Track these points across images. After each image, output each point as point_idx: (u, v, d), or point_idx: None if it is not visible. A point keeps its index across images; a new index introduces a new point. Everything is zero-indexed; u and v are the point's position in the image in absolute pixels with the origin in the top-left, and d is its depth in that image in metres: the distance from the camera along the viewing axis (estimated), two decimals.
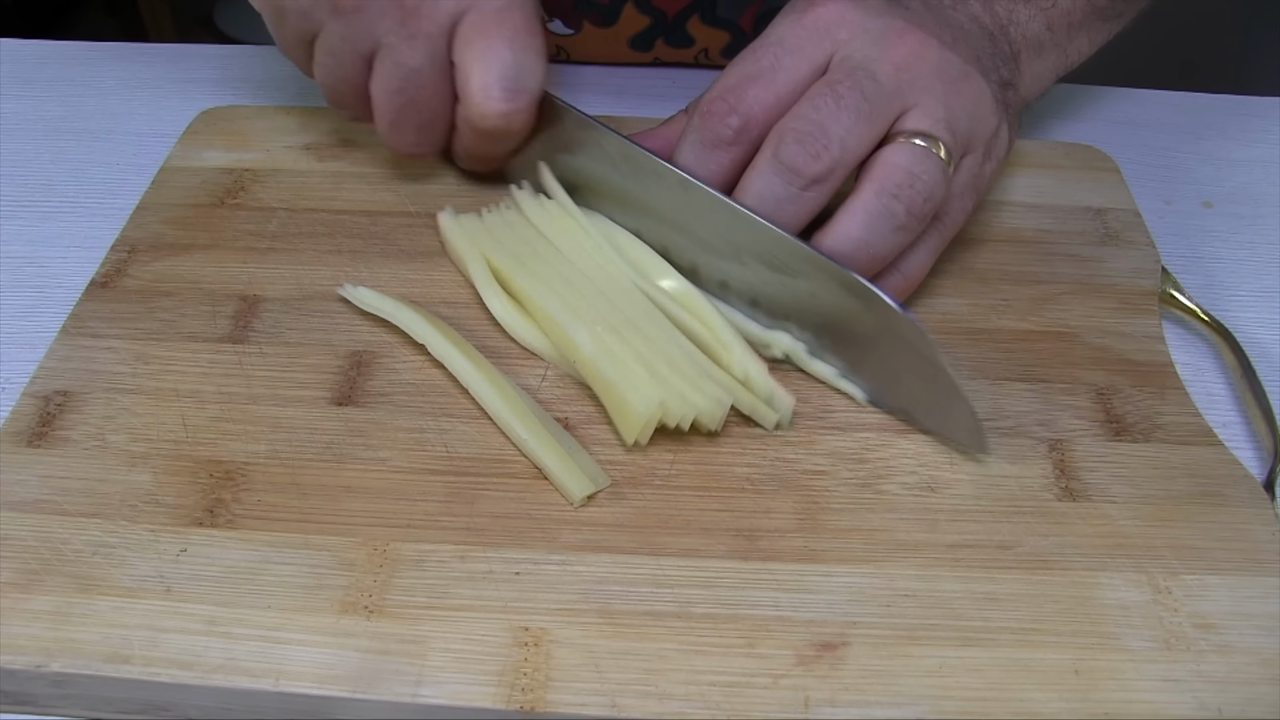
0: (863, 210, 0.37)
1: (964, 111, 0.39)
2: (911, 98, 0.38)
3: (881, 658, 0.31)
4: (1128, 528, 0.35)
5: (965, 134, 0.39)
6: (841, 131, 0.37)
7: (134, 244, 0.44)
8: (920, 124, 0.38)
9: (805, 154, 0.37)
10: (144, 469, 0.36)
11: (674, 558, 0.34)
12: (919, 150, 0.37)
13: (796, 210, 0.38)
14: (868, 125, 0.37)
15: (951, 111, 0.38)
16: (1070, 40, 0.47)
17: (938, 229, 0.40)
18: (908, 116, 0.38)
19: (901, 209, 0.37)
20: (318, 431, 0.37)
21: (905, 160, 0.37)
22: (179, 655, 0.31)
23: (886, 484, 0.36)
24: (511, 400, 0.37)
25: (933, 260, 0.41)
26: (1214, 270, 0.47)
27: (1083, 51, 0.49)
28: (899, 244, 0.38)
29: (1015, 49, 0.45)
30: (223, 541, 0.34)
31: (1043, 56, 0.46)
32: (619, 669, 0.31)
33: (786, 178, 0.37)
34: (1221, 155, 0.54)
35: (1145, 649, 0.32)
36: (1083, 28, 0.48)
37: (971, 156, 0.40)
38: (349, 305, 0.41)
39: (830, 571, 0.34)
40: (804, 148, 0.37)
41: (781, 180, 0.37)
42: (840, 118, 0.37)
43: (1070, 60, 0.48)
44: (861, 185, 0.38)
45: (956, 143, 0.38)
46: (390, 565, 0.33)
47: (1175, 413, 0.38)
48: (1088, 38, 0.48)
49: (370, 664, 0.31)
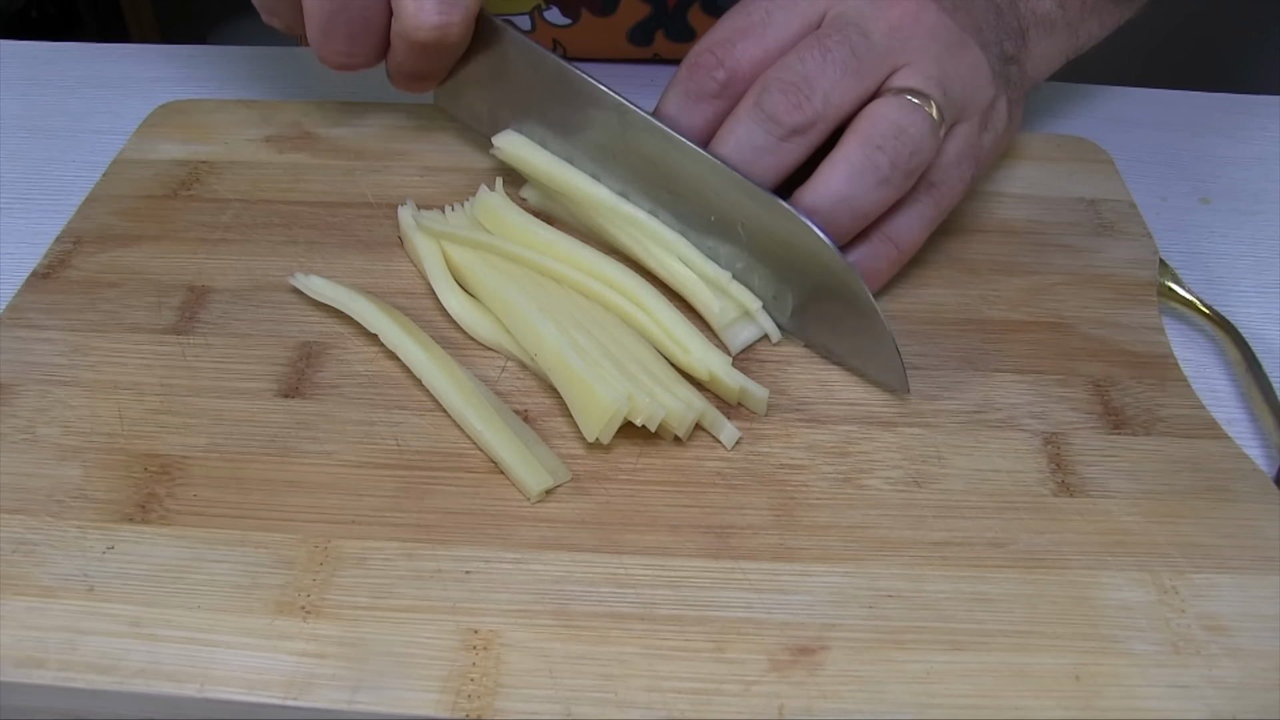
0: (844, 161, 0.36)
1: (958, 76, 0.38)
2: (904, 56, 0.37)
3: (863, 662, 0.29)
4: (1129, 524, 0.32)
5: (959, 98, 0.38)
6: (826, 85, 0.36)
7: (79, 235, 0.42)
8: (911, 81, 0.37)
9: (787, 104, 0.36)
10: (74, 463, 0.33)
11: (638, 556, 0.31)
12: (907, 104, 0.36)
13: (774, 161, 0.37)
14: (854, 80, 0.36)
15: (945, 73, 0.37)
16: (1082, 21, 0.46)
17: (930, 196, 0.38)
18: (899, 74, 0.37)
19: (885, 161, 0.36)
20: (262, 424, 0.35)
21: (892, 113, 0.36)
22: (98, 659, 0.29)
23: (869, 479, 0.34)
24: (466, 390, 0.35)
25: (926, 231, 0.39)
26: (1214, 266, 0.45)
27: (1093, 34, 0.47)
28: (883, 199, 0.36)
29: (1024, 24, 0.43)
30: (153, 538, 0.31)
31: (1053, 36, 0.45)
32: (575, 674, 0.28)
33: (767, 127, 0.36)
34: (1218, 152, 0.52)
35: (1151, 652, 0.29)
36: (1094, 10, 0.46)
37: (966, 124, 0.39)
38: (301, 296, 0.39)
39: (807, 570, 0.31)
40: (786, 98, 0.36)
41: (761, 129, 0.36)
42: (826, 71, 0.36)
43: (1080, 43, 0.47)
44: (846, 137, 0.36)
45: (949, 103, 0.37)
46: (331, 563, 0.31)
47: (1177, 405, 0.36)
48: (1099, 20, 0.47)
49: (304, 668, 0.28)
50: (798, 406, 0.36)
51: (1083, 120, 0.54)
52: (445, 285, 0.39)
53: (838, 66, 0.36)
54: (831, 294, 0.36)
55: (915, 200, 0.38)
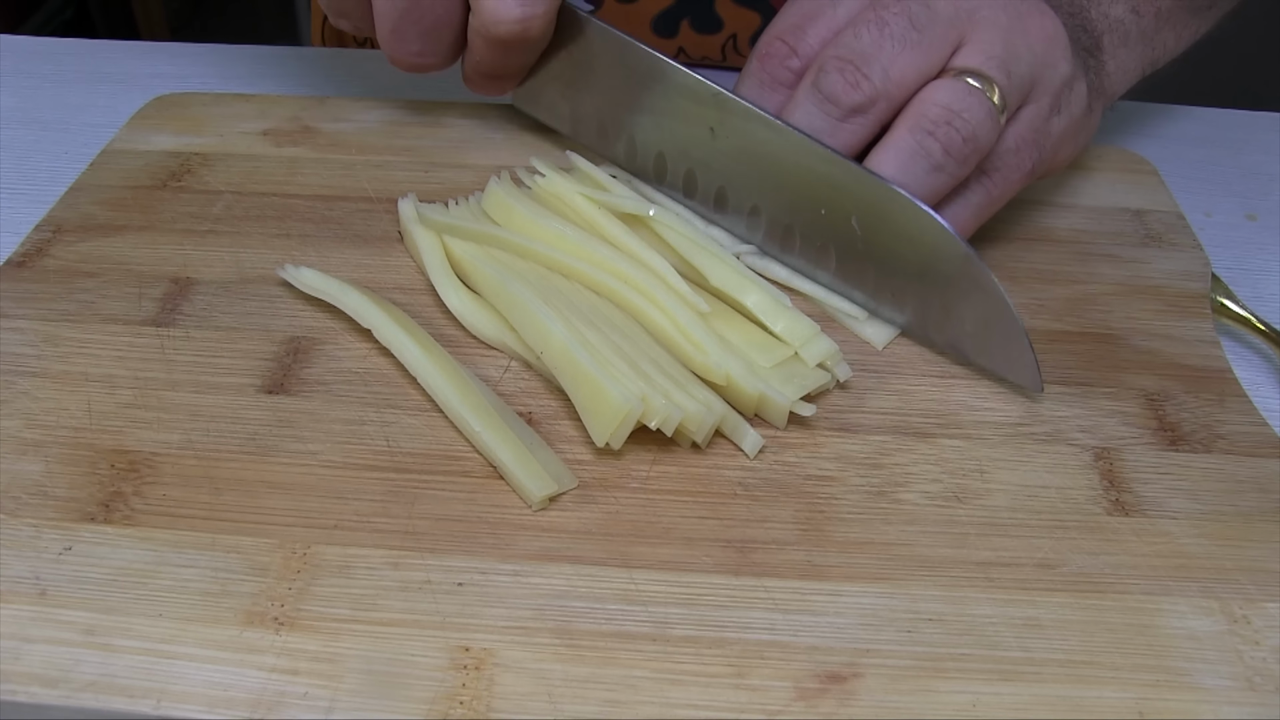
0: (894, 147, 0.34)
1: (1028, 51, 0.35)
2: (970, 28, 0.35)
3: (901, 692, 0.26)
4: (1191, 547, 0.29)
5: (1025, 77, 0.35)
6: (885, 60, 0.34)
7: (60, 224, 0.39)
8: (973, 60, 0.35)
9: (844, 83, 0.34)
10: (35, 458, 0.31)
11: (649, 570, 0.28)
12: (963, 87, 0.34)
13: (836, 143, 0.35)
14: (916, 55, 0.34)
15: (1012, 49, 0.35)
16: (1157, 31, 0.43)
17: (984, 184, 0.36)
18: (963, 50, 0.35)
19: (938, 147, 0.34)
20: (241, 421, 0.32)
21: (946, 97, 0.34)
22: (44, 670, 0.26)
23: (905, 493, 0.31)
24: (465, 389, 0.32)
25: (978, 220, 0.37)
26: (1261, 282, 0.42)
27: (1169, 47, 0.45)
28: (936, 187, 0.34)
29: (1097, 29, 0.41)
30: (115, 539, 0.29)
31: (1128, 45, 0.42)
32: (577, 698, 0.25)
33: (824, 108, 0.35)
34: (1264, 170, 0.50)
35: (1224, 688, 0.26)
36: (1170, 20, 0.44)
37: (1034, 106, 0.36)
38: (291, 290, 0.36)
39: (838, 590, 0.28)
40: (843, 76, 0.34)
41: (820, 110, 0.35)
42: (884, 46, 0.34)
43: (1156, 55, 0.44)
44: (898, 122, 0.35)
45: (1013, 86, 0.35)
46: (310, 571, 0.28)
47: (1238, 421, 0.33)
48: (1174, 32, 0.44)
49: (274, 685, 0.25)
50: (826, 414, 0.33)
51: (1125, 136, 0.51)
52: (445, 280, 0.36)
53: (895, 41, 0.34)
54: (955, 289, 0.33)
55: (967, 188, 0.36)
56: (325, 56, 0.55)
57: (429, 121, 0.45)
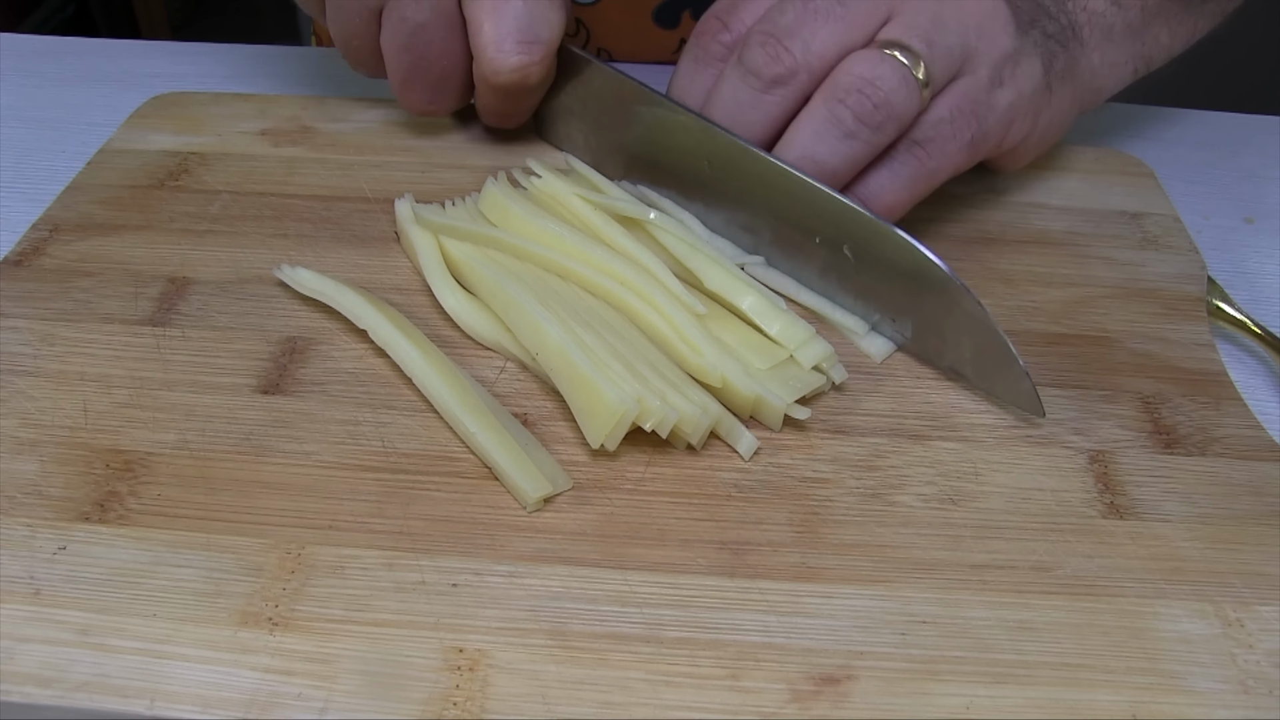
0: (807, 116, 0.35)
1: (958, 24, 0.36)
2: (898, 4, 0.35)
3: (895, 695, 0.26)
4: (1186, 550, 0.29)
5: (955, 48, 0.35)
6: (806, 34, 0.35)
7: (57, 223, 0.39)
8: (893, 33, 0.35)
9: (765, 55, 0.35)
10: (30, 457, 0.31)
11: (644, 572, 0.28)
12: (876, 55, 0.34)
13: (759, 116, 0.36)
14: (838, 27, 0.35)
15: (940, 21, 0.35)
16: (1146, 27, 0.43)
17: (913, 154, 0.36)
18: (887, 25, 0.35)
19: (849, 115, 0.34)
20: (237, 421, 0.32)
21: (859, 67, 0.34)
22: (38, 670, 0.26)
23: (900, 495, 0.31)
24: (461, 389, 0.32)
25: (908, 192, 0.36)
26: (1259, 285, 0.42)
27: (1163, 43, 0.44)
28: (852, 155, 0.35)
29: (1074, 22, 0.40)
30: (110, 539, 0.29)
31: (1113, 40, 0.42)
32: (571, 700, 0.25)
33: (748, 81, 0.35)
34: (1261, 173, 0.49)
35: (1217, 691, 0.26)
36: (1160, 15, 0.43)
37: (970, 78, 0.36)
38: (289, 290, 0.36)
39: (833, 592, 0.28)
40: (764, 50, 0.35)
41: (744, 84, 0.36)
42: (806, 20, 0.35)
43: (1149, 52, 0.44)
44: (815, 93, 0.35)
45: (936, 55, 0.35)
46: (304, 571, 0.28)
47: (1234, 425, 0.33)
48: (1168, 28, 0.44)
49: (268, 686, 0.25)
50: (821, 416, 0.33)
51: (1122, 139, 0.51)
52: (441, 280, 0.36)
53: (818, 15, 0.35)
54: (947, 315, 0.33)
55: (896, 158, 0.36)
56: (325, 56, 0.55)
57: (427, 122, 0.45)
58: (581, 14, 0.55)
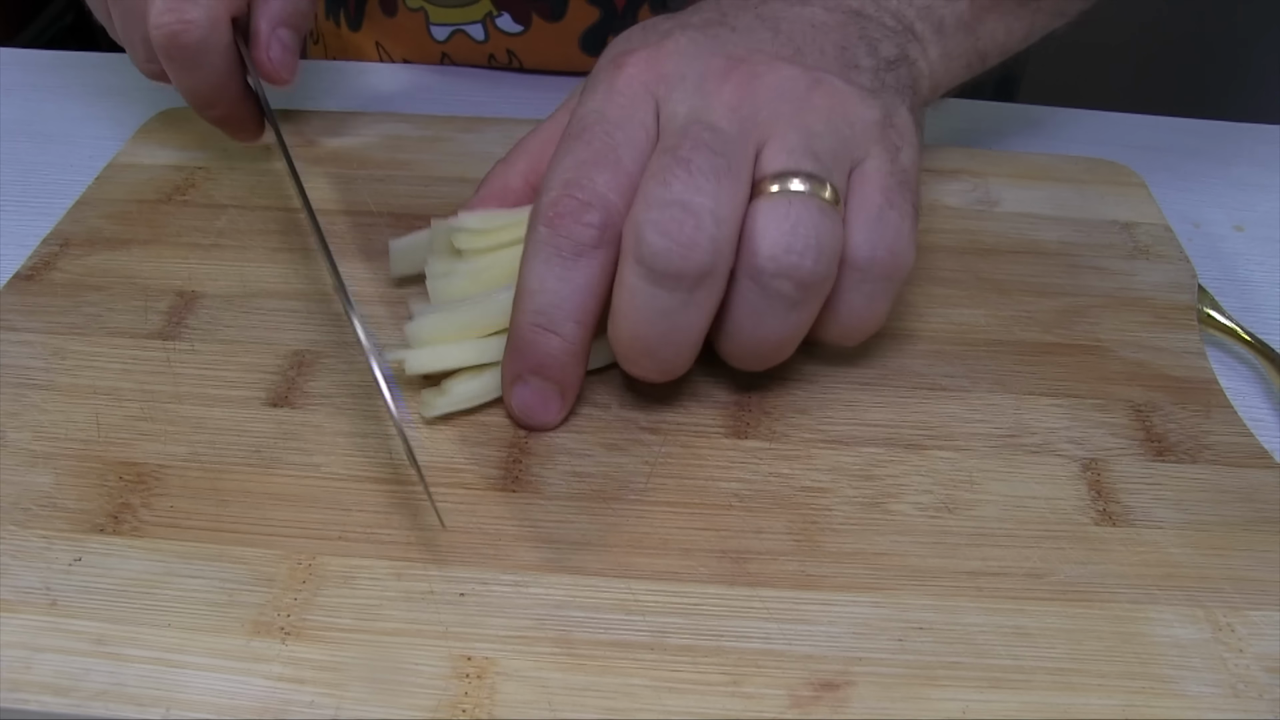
0: (742, 305, 0.31)
1: (824, 125, 0.31)
2: (759, 133, 0.31)
3: (893, 700, 0.26)
4: (1178, 556, 0.30)
5: (837, 146, 0.32)
6: (709, 203, 0.29)
7: (67, 238, 0.40)
8: (777, 163, 0.30)
9: (677, 246, 0.29)
10: (45, 469, 0.31)
11: (648, 581, 0.29)
12: (783, 206, 0.30)
13: (691, 319, 0.30)
14: (731, 182, 0.30)
15: (808, 131, 0.31)
16: (979, 21, 0.40)
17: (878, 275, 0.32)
18: (763, 156, 0.31)
19: (789, 286, 0.30)
20: (246, 434, 0.33)
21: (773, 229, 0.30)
22: (55, 679, 0.26)
23: (897, 504, 0.31)
24: None
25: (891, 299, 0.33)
26: (1249, 293, 0.43)
27: (998, 39, 0.41)
28: (799, 323, 0.31)
29: (905, 20, 0.37)
30: (124, 551, 0.29)
31: (944, 33, 0.39)
32: (576, 707, 0.26)
33: (663, 284, 0.29)
34: (1251, 181, 0.50)
35: (1208, 694, 0.27)
36: (993, 8, 0.40)
37: (870, 160, 0.32)
38: (296, 303, 0.37)
39: (831, 600, 0.29)
40: (670, 239, 0.29)
41: (662, 291, 0.29)
42: (700, 186, 0.29)
43: (984, 45, 0.41)
44: (736, 276, 0.30)
45: (826, 164, 0.31)
46: (315, 581, 0.28)
47: (1224, 432, 0.34)
48: (1002, 22, 0.41)
49: (280, 693, 0.26)
50: (819, 426, 0.34)
51: (1113, 147, 0.52)
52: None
53: (707, 176, 0.29)
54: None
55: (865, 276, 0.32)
56: (326, 70, 0.56)
57: (430, 136, 0.46)
58: (511, 44, 0.56)
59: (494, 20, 0.55)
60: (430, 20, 0.57)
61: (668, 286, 0.29)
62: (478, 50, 0.57)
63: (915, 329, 0.38)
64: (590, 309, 0.31)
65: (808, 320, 0.32)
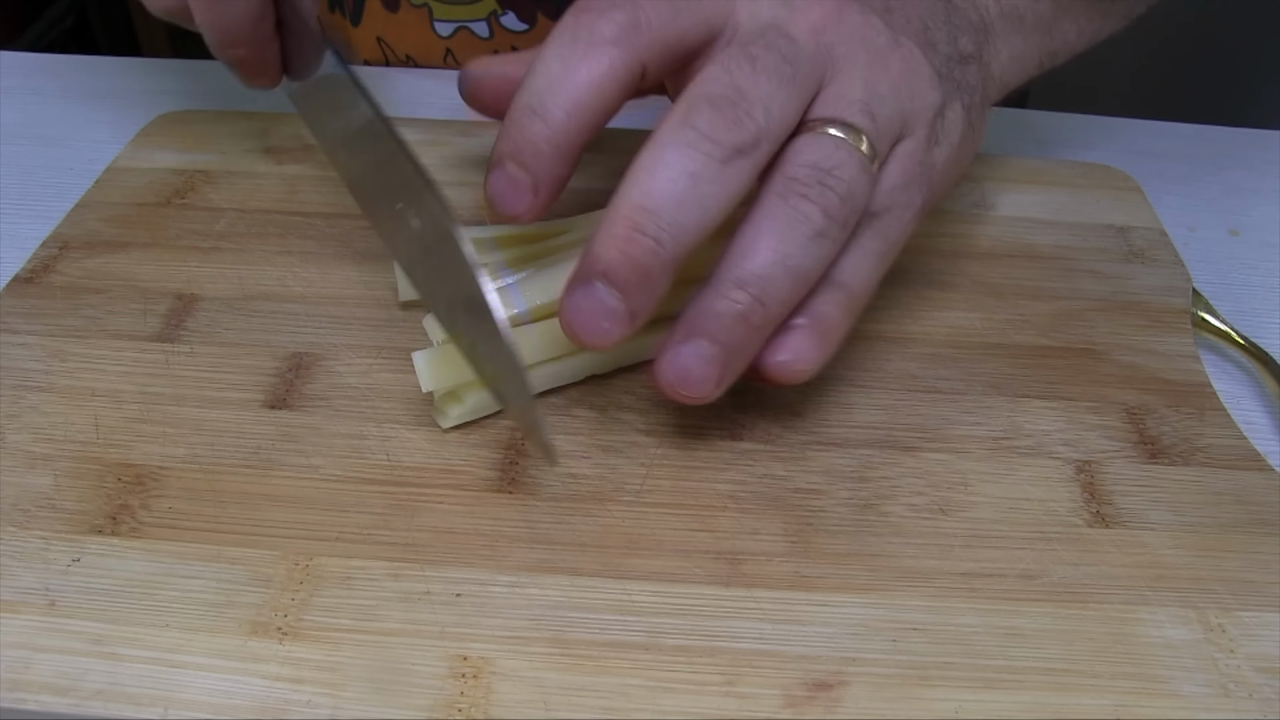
0: (768, 219, 0.30)
1: (890, 88, 0.32)
2: (831, 65, 0.32)
3: (886, 700, 0.27)
4: (1170, 558, 0.30)
5: (894, 115, 0.32)
6: (764, 96, 0.30)
7: (66, 241, 0.40)
8: (834, 109, 0.31)
9: (724, 120, 0.29)
10: (44, 471, 0.31)
11: (643, 582, 0.29)
12: (829, 141, 0.31)
13: (719, 191, 0.29)
14: (791, 90, 0.30)
15: (873, 89, 0.32)
16: (1055, 20, 0.41)
17: (875, 229, 0.33)
18: (822, 96, 0.31)
19: (816, 211, 0.30)
20: (245, 436, 0.33)
21: (813, 154, 0.30)
22: (54, 679, 0.26)
23: (891, 505, 0.32)
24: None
25: (879, 269, 0.33)
26: (1244, 297, 0.43)
27: (1069, 40, 0.42)
28: (821, 255, 0.30)
29: (986, 18, 0.38)
30: (123, 551, 0.29)
31: (1022, 31, 0.39)
32: (572, 706, 0.26)
33: (704, 148, 0.29)
34: (1247, 186, 0.50)
35: (1200, 694, 0.27)
36: (1070, 7, 0.41)
37: (911, 140, 0.33)
38: (295, 306, 0.37)
39: (826, 601, 0.29)
40: (721, 113, 0.29)
41: (699, 153, 0.29)
42: (759, 81, 0.30)
43: (1055, 46, 0.41)
44: (764, 191, 0.31)
45: (880, 129, 0.32)
46: (312, 582, 0.29)
47: (1217, 435, 0.34)
48: (1075, 24, 0.41)
49: (278, 693, 0.26)
50: (814, 429, 0.34)
51: (1108, 152, 0.52)
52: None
53: (770, 75, 0.30)
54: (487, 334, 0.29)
55: (862, 237, 0.32)
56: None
57: (428, 140, 0.46)
58: (516, 41, 0.56)
59: (498, 19, 0.55)
60: (434, 16, 0.57)
61: (705, 149, 0.29)
62: (482, 47, 0.57)
63: (910, 332, 0.38)
64: (586, 105, 0.30)
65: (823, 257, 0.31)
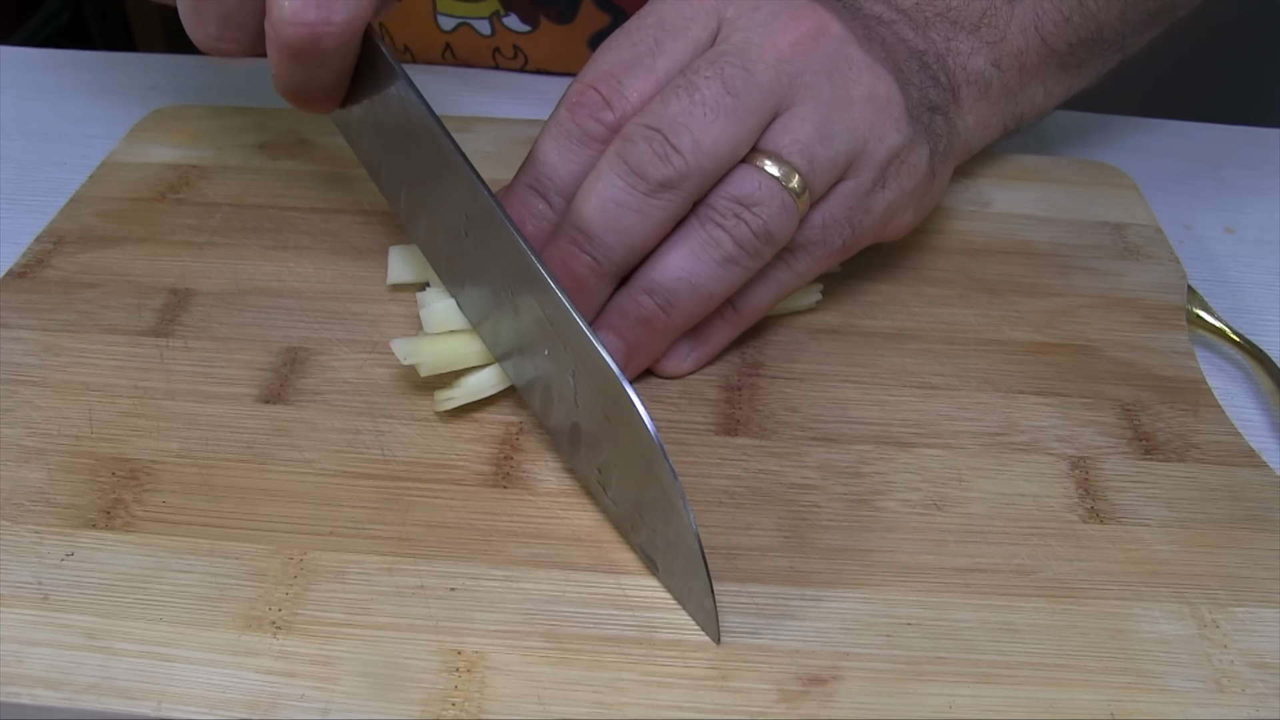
0: (684, 237, 0.32)
1: (845, 126, 0.33)
2: (789, 97, 0.33)
3: (880, 694, 0.27)
4: (1164, 553, 0.30)
5: (838, 155, 0.33)
6: (696, 130, 0.31)
7: (61, 235, 0.40)
8: (776, 143, 0.32)
9: (651, 154, 0.31)
10: (37, 465, 0.31)
11: (636, 576, 0.29)
12: (757, 177, 0.32)
13: (640, 221, 0.32)
14: (729, 123, 0.31)
15: (826, 127, 0.33)
16: (1022, 87, 0.41)
17: (790, 264, 0.34)
18: (775, 125, 0.33)
19: (728, 240, 0.32)
20: (239, 430, 0.33)
21: (740, 187, 0.32)
22: (46, 673, 0.26)
23: (886, 500, 0.31)
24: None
25: (778, 297, 0.35)
26: (1240, 294, 0.43)
27: (1036, 103, 0.43)
28: (728, 280, 0.33)
29: (954, 82, 0.39)
30: (115, 545, 0.29)
31: (988, 99, 0.40)
32: (565, 700, 0.26)
33: (630, 181, 0.31)
34: (1242, 183, 0.51)
35: (1193, 689, 0.27)
36: (1038, 74, 0.42)
37: (852, 182, 0.34)
38: (289, 301, 0.37)
39: (820, 596, 0.29)
40: (650, 147, 0.31)
41: (625, 184, 0.32)
42: (694, 114, 0.31)
43: (1021, 110, 0.42)
44: (694, 209, 0.33)
45: (816, 169, 0.33)
46: (306, 576, 0.29)
47: (1212, 431, 0.34)
48: (1043, 88, 0.42)
49: (271, 687, 0.26)
50: (809, 424, 0.34)
51: (1105, 150, 0.52)
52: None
53: (708, 109, 0.31)
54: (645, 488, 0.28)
55: (772, 267, 0.34)
56: None
57: None
58: (519, 42, 0.56)
59: (501, 19, 0.55)
60: (437, 9, 0.57)
61: (630, 181, 0.32)
62: (483, 44, 0.57)
63: (906, 328, 0.38)
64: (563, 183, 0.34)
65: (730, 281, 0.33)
